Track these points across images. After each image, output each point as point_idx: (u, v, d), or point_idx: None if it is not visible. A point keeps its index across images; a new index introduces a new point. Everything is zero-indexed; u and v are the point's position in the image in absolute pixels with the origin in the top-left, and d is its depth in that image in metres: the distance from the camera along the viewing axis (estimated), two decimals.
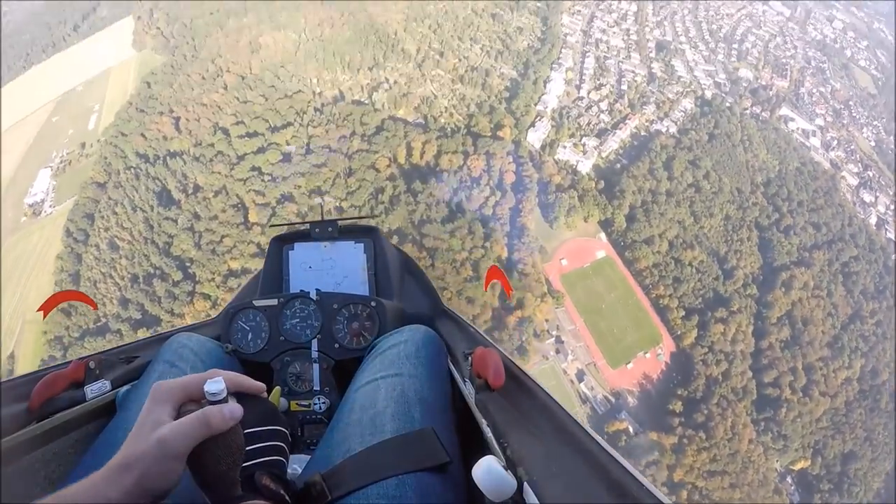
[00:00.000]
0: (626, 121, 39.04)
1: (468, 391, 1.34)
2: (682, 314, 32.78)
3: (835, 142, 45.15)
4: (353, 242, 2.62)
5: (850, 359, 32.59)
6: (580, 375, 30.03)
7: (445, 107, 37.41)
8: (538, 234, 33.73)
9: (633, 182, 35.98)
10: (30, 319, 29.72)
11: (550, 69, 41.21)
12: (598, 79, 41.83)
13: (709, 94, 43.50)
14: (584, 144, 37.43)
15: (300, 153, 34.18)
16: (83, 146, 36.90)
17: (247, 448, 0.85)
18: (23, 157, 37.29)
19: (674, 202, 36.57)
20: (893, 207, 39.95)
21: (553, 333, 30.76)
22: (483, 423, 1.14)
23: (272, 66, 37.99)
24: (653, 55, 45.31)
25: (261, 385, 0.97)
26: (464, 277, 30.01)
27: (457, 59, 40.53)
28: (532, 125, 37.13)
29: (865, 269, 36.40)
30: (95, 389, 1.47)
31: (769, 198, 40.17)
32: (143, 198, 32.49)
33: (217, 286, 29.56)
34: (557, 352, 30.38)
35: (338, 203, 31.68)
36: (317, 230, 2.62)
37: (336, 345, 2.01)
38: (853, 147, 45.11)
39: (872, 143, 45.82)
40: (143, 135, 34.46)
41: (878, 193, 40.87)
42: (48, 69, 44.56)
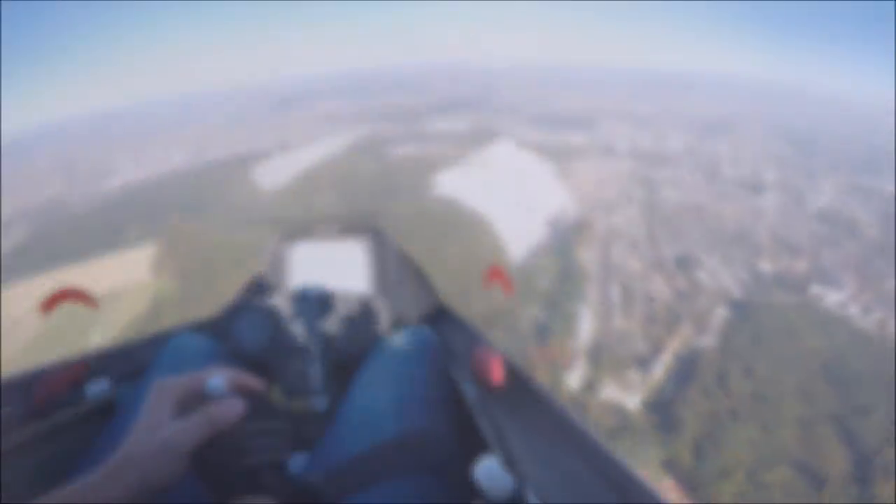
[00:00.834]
0: (665, 345, 44.30)
1: (468, 391, 1.34)
2: None
3: (871, 302, 47.39)
4: (356, 240, 2.60)
5: None
6: None
7: None
8: None
9: (689, 409, 38.76)
10: None
11: (578, 305, 46.28)
12: (627, 307, 48.62)
13: (738, 296, 47.93)
14: (628, 378, 40.08)
15: None
16: None
17: (249, 445, 0.88)
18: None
19: (739, 420, 38.57)
20: None
21: None
22: (483, 423, 1.15)
23: None
24: (674, 271, 52.62)
25: (262, 383, 0.97)
26: None
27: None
28: (568, 366, 39.85)
29: None
30: (95, 389, 1.48)
31: (833, 381, 41.10)
32: None
33: None
34: None
35: None
36: (318, 228, 2.62)
37: (337, 344, 2.00)
38: (890, 299, 46.91)
39: None
40: None
41: None
42: (60, 276, 45.76)
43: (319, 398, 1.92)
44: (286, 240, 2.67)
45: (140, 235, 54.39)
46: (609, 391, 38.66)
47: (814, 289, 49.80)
